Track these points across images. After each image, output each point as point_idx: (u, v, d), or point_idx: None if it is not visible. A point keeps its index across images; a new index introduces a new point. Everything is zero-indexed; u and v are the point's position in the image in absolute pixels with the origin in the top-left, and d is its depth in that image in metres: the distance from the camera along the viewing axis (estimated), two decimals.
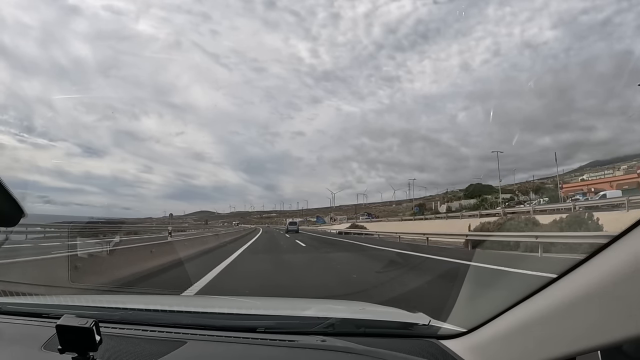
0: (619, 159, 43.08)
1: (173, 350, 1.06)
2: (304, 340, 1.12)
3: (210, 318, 1.39)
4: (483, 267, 7.20)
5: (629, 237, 0.61)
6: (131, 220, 38.99)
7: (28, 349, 1.10)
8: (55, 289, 3.62)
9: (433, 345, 1.10)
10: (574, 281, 0.69)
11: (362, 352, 1.03)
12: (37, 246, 11.74)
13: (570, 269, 0.70)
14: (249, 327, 1.23)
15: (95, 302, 1.69)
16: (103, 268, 5.23)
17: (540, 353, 0.72)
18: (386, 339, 1.15)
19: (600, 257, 0.65)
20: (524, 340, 0.79)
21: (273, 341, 1.12)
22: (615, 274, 0.59)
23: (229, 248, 13.19)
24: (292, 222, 40.09)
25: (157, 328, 1.21)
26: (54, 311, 1.33)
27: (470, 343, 1.00)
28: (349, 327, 1.22)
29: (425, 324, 1.23)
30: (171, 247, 8.77)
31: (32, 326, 1.27)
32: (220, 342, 1.14)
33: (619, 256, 0.60)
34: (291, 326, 1.28)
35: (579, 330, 0.65)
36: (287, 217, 59.97)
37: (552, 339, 0.70)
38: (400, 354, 1.03)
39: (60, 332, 0.85)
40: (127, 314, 1.36)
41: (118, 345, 1.08)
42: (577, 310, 0.66)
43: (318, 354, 1.06)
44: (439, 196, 73.93)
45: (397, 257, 10.14)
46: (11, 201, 0.93)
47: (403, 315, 1.43)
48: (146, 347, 1.09)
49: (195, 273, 6.26)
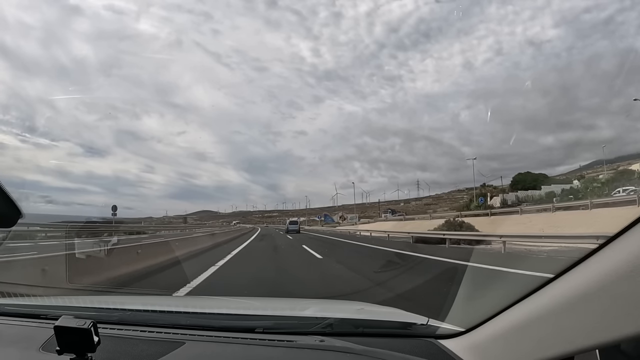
0: (623, 158, 42.71)
1: (171, 351, 1.05)
2: (303, 340, 1.12)
3: (209, 318, 1.38)
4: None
5: (626, 237, 0.61)
6: (129, 220, 38.50)
7: (26, 350, 1.09)
8: (53, 290, 3.62)
9: (431, 344, 1.10)
10: (572, 280, 0.69)
11: (360, 352, 1.03)
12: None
13: (568, 268, 0.70)
14: (247, 327, 1.23)
15: (93, 303, 1.69)
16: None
17: (538, 352, 0.72)
18: (385, 339, 1.15)
19: (598, 257, 0.65)
20: (522, 340, 0.79)
21: (271, 341, 1.12)
22: (613, 273, 0.59)
23: (191, 268, 7.13)
24: (292, 222, 36.83)
25: (156, 329, 1.21)
26: (52, 312, 1.32)
27: (469, 342, 1.00)
28: (348, 327, 1.22)
29: (423, 323, 1.23)
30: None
31: (30, 327, 1.27)
32: (219, 343, 1.14)
33: (617, 255, 0.61)
34: (290, 326, 1.28)
35: (577, 330, 0.65)
36: (289, 216, 58.90)
37: (550, 338, 0.70)
38: (399, 354, 1.03)
39: (59, 333, 0.85)
40: (125, 314, 1.36)
41: (116, 346, 1.08)
42: (575, 310, 0.66)
43: (317, 354, 1.06)
44: (445, 194, 72.99)
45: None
46: (8, 202, 0.92)
47: (401, 315, 1.43)
48: (144, 348, 1.09)
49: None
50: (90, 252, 5.40)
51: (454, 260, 7.89)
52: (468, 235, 14.05)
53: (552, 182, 44.15)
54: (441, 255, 9.52)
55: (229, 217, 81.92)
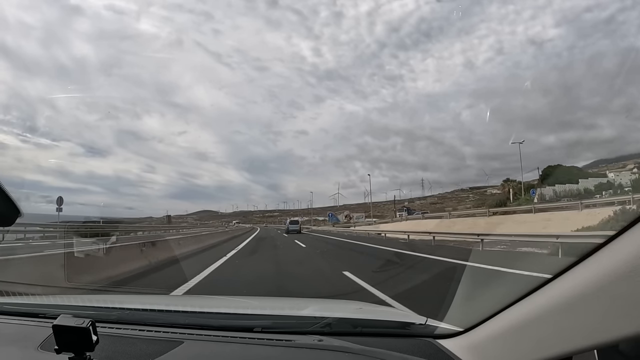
0: (624, 157, 42.34)
1: (170, 350, 1.05)
2: (301, 339, 1.12)
3: (207, 318, 1.38)
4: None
5: (625, 237, 0.61)
6: (128, 220, 37.84)
7: (24, 349, 1.09)
8: (52, 289, 3.61)
9: (430, 344, 1.10)
10: (571, 280, 0.69)
11: (359, 352, 1.03)
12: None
13: (567, 268, 0.70)
14: (246, 326, 1.23)
15: (92, 302, 1.69)
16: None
17: (536, 352, 0.72)
18: (383, 339, 1.15)
19: (597, 257, 0.65)
20: (520, 339, 0.79)
21: (270, 341, 1.12)
22: (612, 273, 0.59)
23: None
24: (292, 221, 34.52)
25: (154, 328, 1.21)
26: (50, 311, 1.32)
27: (467, 342, 1.00)
28: (346, 327, 1.22)
29: (421, 323, 1.23)
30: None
31: (28, 326, 1.26)
32: (217, 342, 1.14)
33: (616, 256, 0.61)
34: (288, 326, 1.28)
35: (575, 330, 0.65)
36: (290, 216, 58.30)
37: (548, 338, 0.71)
38: (397, 354, 1.03)
39: (57, 332, 0.85)
40: (124, 313, 1.36)
41: (115, 345, 1.08)
42: (574, 310, 0.66)
43: (315, 353, 1.06)
44: (449, 193, 72.30)
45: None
46: (7, 201, 0.92)
47: (400, 315, 1.44)
48: (143, 347, 1.09)
49: None
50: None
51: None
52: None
53: (588, 176, 39.31)
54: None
55: (230, 217, 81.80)
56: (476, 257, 9.08)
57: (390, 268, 8.01)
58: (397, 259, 9.59)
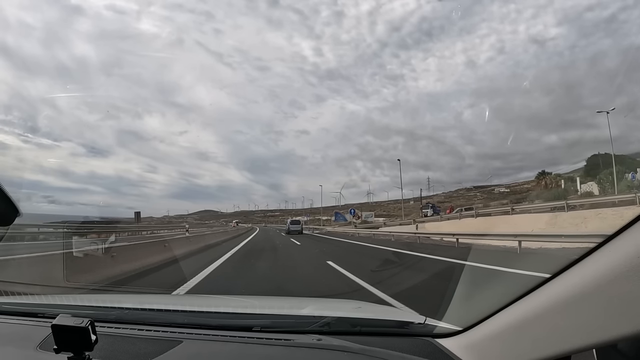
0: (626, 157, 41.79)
1: (169, 350, 1.05)
2: (300, 339, 1.12)
3: (206, 317, 1.38)
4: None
5: (623, 237, 0.61)
6: (126, 220, 37.30)
7: (23, 349, 1.09)
8: (51, 288, 3.61)
9: (429, 343, 1.10)
10: (569, 280, 0.69)
11: (358, 351, 1.03)
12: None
13: (565, 267, 0.70)
14: (244, 326, 1.23)
15: (90, 302, 1.68)
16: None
17: (535, 351, 0.72)
18: (382, 338, 1.16)
19: (595, 256, 0.65)
20: (519, 339, 0.79)
21: (269, 340, 1.12)
22: (610, 273, 0.60)
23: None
24: (294, 221, 32.68)
25: (153, 327, 1.21)
26: (49, 311, 1.32)
27: (466, 341, 1.00)
28: (345, 326, 1.22)
29: (420, 322, 1.24)
30: None
31: (27, 326, 1.26)
32: (216, 342, 1.14)
33: (614, 255, 0.61)
34: (287, 325, 1.28)
35: (574, 329, 0.65)
36: (291, 215, 57.85)
37: (547, 338, 0.71)
38: (396, 353, 1.03)
39: (56, 332, 0.85)
40: (123, 313, 1.36)
41: (114, 345, 1.08)
42: (572, 309, 0.66)
43: (314, 352, 1.06)
44: (453, 192, 71.68)
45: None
46: (6, 200, 0.92)
47: (399, 314, 1.44)
48: (142, 346, 1.09)
49: None
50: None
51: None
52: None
53: (637, 166, 32.96)
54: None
55: (231, 216, 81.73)
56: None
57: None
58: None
